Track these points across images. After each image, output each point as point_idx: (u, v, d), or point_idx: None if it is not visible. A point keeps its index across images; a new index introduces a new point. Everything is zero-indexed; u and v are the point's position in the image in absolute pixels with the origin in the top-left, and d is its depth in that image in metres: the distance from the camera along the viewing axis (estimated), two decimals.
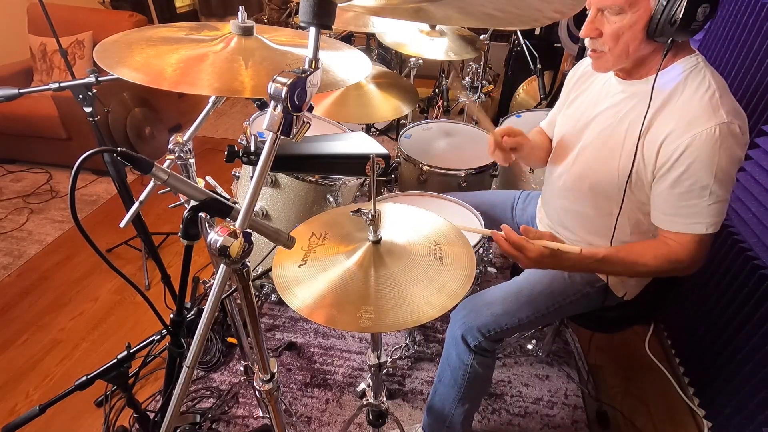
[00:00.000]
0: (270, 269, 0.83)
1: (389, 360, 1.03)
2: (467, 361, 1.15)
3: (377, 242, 0.82)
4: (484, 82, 2.57)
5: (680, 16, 0.84)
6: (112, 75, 0.66)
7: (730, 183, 0.92)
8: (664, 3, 0.85)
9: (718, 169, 0.89)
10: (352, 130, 1.79)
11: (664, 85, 0.96)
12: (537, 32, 2.95)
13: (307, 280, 0.77)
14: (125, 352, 1.04)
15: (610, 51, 0.96)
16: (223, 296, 1.21)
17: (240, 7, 0.82)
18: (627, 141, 1.00)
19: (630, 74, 1.03)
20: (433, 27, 1.91)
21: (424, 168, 1.71)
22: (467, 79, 2.55)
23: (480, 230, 1.08)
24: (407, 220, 0.92)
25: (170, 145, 0.94)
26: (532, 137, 1.37)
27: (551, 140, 1.37)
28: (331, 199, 1.49)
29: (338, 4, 0.53)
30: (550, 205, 1.27)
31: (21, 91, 1.16)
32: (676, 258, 0.99)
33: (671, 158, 0.92)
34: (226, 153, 0.94)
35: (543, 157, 1.36)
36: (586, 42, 1.00)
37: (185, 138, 0.95)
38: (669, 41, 0.91)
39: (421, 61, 2.22)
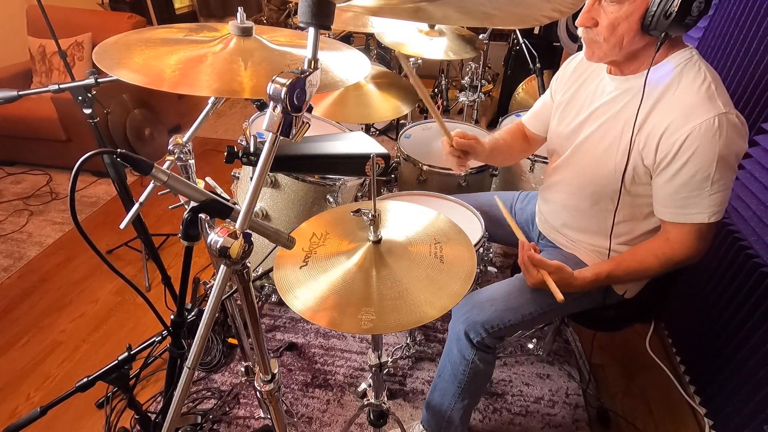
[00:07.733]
0: (270, 270, 0.84)
1: (390, 360, 1.03)
2: (469, 356, 1.16)
3: (378, 242, 0.82)
4: (483, 81, 2.57)
5: (676, 9, 0.85)
6: (111, 76, 0.66)
7: (731, 173, 0.93)
8: None
9: (719, 159, 0.89)
10: (351, 130, 1.79)
11: (659, 79, 0.96)
12: (536, 31, 2.95)
13: (308, 281, 0.77)
14: (126, 354, 1.04)
15: (605, 41, 0.96)
16: (224, 297, 1.20)
17: (239, 8, 0.82)
18: (624, 137, 1.00)
19: (622, 70, 1.03)
20: (432, 27, 1.91)
21: (424, 168, 1.71)
22: (466, 78, 2.55)
23: (517, 231, 1.19)
24: (407, 220, 0.92)
25: (170, 146, 0.94)
26: (499, 137, 1.39)
27: (527, 134, 1.39)
28: (331, 199, 1.49)
29: (337, 5, 0.53)
30: (549, 204, 1.28)
31: (20, 93, 1.16)
32: (678, 251, 1.00)
33: (671, 151, 0.92)
34: (225, 154, 0.94)
35: (513, 156, 1.40)
36: (580, 32, 1.00)
37: (185, 139, 0.95)
38: (662, 35, 0.91)
39: (420, 61, 2.22)
